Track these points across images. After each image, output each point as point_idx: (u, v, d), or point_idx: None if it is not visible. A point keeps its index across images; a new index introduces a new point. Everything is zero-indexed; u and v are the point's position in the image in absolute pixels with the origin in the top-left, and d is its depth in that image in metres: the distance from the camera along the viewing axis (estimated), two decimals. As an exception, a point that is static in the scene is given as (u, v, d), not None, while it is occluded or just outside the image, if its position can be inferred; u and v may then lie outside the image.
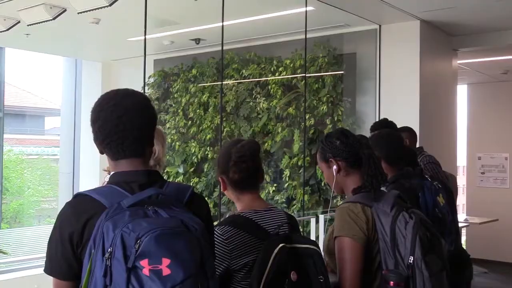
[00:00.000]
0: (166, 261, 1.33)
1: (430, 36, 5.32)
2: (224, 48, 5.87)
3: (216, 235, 1.92)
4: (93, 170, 7.34)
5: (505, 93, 8.61)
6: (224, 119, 6.26)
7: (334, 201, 5.48)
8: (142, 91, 4.87)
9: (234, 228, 2.02)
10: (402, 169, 3.05)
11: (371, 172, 2.10)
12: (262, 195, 5.72)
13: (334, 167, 2.17)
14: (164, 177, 1.79)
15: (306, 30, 4.96)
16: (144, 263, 1.32)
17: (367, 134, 3.45)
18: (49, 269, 1.52)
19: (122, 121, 1.55)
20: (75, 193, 1.56)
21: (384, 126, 4.19)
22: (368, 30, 5.41)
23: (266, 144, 5.85)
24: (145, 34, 4.29)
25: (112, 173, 1.61)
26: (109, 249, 1.35)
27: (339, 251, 2.04)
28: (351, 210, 2.05)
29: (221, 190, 2.20)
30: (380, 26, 5.34)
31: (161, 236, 1.35)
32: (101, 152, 1.62)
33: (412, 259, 1.92)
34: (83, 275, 1.40)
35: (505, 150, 8.32)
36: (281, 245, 1.90)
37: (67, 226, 1.49)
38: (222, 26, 4.56)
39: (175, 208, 1.47)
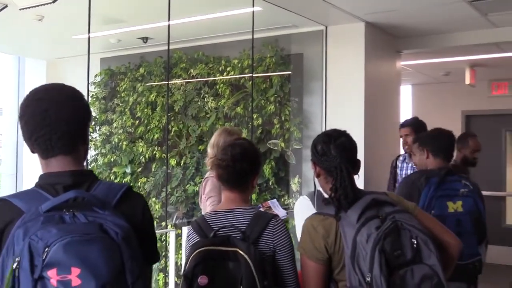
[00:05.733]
0: (75, 271, 1.27)
1: (375, 38, 5.44)
2: (172, 47, 5.85)
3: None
4: (37, 172, 7.16)
5: (447, 94, 8.91)
6: (172, 118, 6.22)
7: (282, 199, 5.54)
8: (86, 90, 4.80)
9: (191, 229, 2.16)
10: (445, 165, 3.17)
11: (337, 184, 2.00)
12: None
13: (314, 171, 2.18)
14: (111, 177, 1.74)
15: (253, 30, 4.99)
16: (51, 273, 1.26)
17: (315, 134, 3.50)
18: None
19: (49, 115, 1.47)
20: None
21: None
22: (315, 31, 5.49)
23: (215, 143, 5.85)
24: (88, 32, 4.21)
25: (40, 174, 1.53)
26: (16, 259, 1.28)
27: (301, 267, 2.04)
28: (311, 224, 2.02)
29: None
30: (326, 27, 5.43)
31: (70, 244, 1.29)
32: (32, 151, 1.54)
33: (370, 276, 1.78)
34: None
35: (447, 149, 8.59)
36: (201, 249, 1.96)
37: None
38: (168, 25, 4.54)
39: (99, 211, 1.40)
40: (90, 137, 6.24)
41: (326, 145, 2.11)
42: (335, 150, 2.09)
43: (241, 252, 1.93)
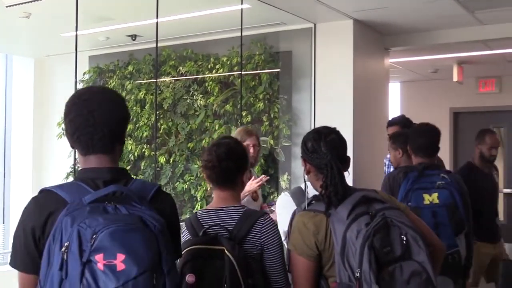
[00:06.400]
0: (120, 256, 1.37)
1: (363, 35, 5.46)
2: (161, 45, 5.83)
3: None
4: (26, 170, 7.12)
5: (435, 91, 8.97)
6: (161, 116, 6.21)
7: (271, 197, 5.55)
8: (74, 88, 4.78)
9: (184, 226, 2.20)
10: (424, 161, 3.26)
11: (328, 181, 2.01)
12: (200, 193, 5.73)
13: (305, 168, 2.19)
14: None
15: (241, 28, 4.98)
16: (99, 257, 1.37)
17: (304, 131, 3.52)
18: (13, 263, 1.56)
19: (93, 116, 1.59)
20: (40, 188, 1.61)
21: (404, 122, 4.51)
22: (304, 28, 5.50)
23: (204, 141, 5.85)
24: (76, 30, 4.18)
25: (79, 169, 1.66)
26: (65, 243, 1.39)
27: (291, 265, 2.06)
28: (302, 221, 2.03)
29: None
30: (315, 24, 5.43)
31: (116, 232, 1.40)
32: (72, 147, 1.67)
33: (359, 271, 1.79)
34: (42, 268, 1.44)
35: (435, 146, 8.65)
36: (190, 247, 2.02)
37: (29, 220, 1.53)
38: (157, 22, 4.52)
39: (137, 205, 1.51)
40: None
41: (316, 142, 2.12)
42: (325, 147, 2.10)
43: (226, 251, 1.96)
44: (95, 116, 1.59)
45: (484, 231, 4.55)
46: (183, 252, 1.99)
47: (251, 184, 3.61)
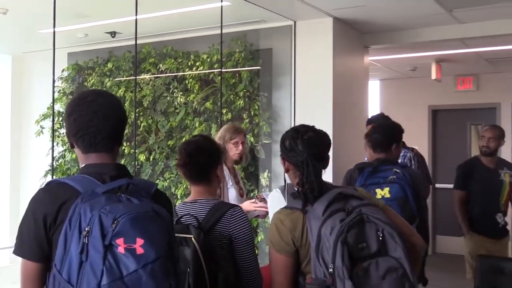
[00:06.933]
0: (140, 241, 1.46)
1: (343, 33, 5.49)
2: (141, 42, 5.80)
3: None
4: (3, 168, 7.03)
5: (414, 89, 9.06)
6: (141, 114, 6.18)
7: (252, 194, 5.56)
8: (52, 85, 4.74)
9: None
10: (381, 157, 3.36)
11: (304, 178, 2.04)
12: (180, 190, 5.72)
13: (283, 166, 2.22)
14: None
15: (221, 25, 4.98)
16: (119, 241, 1.45)
17: (284, 128, 3.53)
18: (19, 251, 1.61)
19: (97, 116, 1.69)
20: (48, 181, 1.71)
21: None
22: (284, 26, 5.51)
23: (184, 139, 5.83)
24: (54, 26, 4.15)
25: (82, 165, 1.74)
26: (86, 228, 1.46)
27: (269, 261, 2.08)
28: (279, 218, 2.06)
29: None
30: (295, 22, 5.45)
31: (136, 218, 1.49)
32: (72, 146, 1.76)
33: (332, 267, 1.80)
34: (58, 253, 1.50)
35: (413, 143, 8.73)
36: None
37: (41, 208, 1.59)
38: (136, 19, 4.50)
39: (144, 199, 1.61)
40: (57, 133, 6.16)
41: (293, 140, 2.14)
42: (302, 145, 2.12)
43: (193, 240, 2.08)
44: (100, 117, 1.70)
45: (475, 222, 4.75)
46: None
47: (249, 205, 3.70)
